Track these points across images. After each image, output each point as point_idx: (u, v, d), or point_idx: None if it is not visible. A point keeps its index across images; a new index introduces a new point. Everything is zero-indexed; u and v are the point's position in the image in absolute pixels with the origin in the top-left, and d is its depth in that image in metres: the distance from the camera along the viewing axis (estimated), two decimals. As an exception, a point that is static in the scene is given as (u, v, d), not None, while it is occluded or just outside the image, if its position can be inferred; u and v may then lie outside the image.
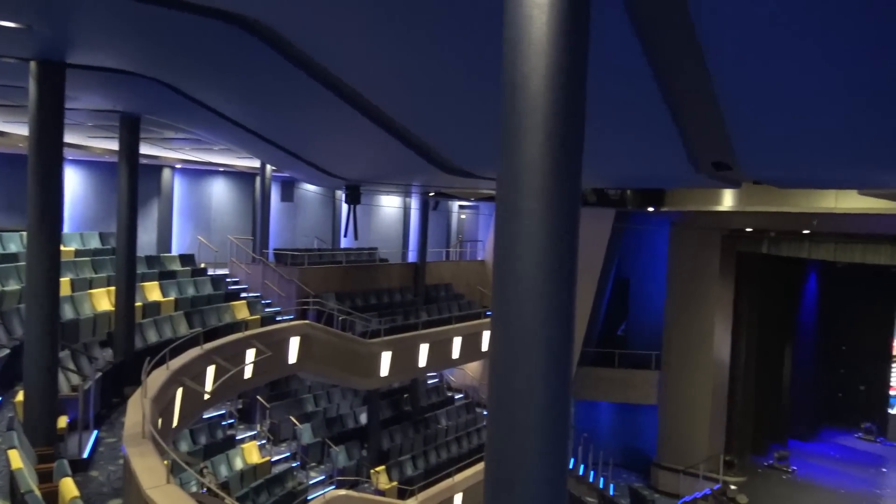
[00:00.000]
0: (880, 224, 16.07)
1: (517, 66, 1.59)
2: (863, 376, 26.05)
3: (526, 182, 1.60)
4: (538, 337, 1.61)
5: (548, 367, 1.61)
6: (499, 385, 1.64)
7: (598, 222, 20.17)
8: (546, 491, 1.60)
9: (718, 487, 20.13)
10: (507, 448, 1.62)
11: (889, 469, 22.79)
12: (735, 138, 3.07)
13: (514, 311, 1.62)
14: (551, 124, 1.59)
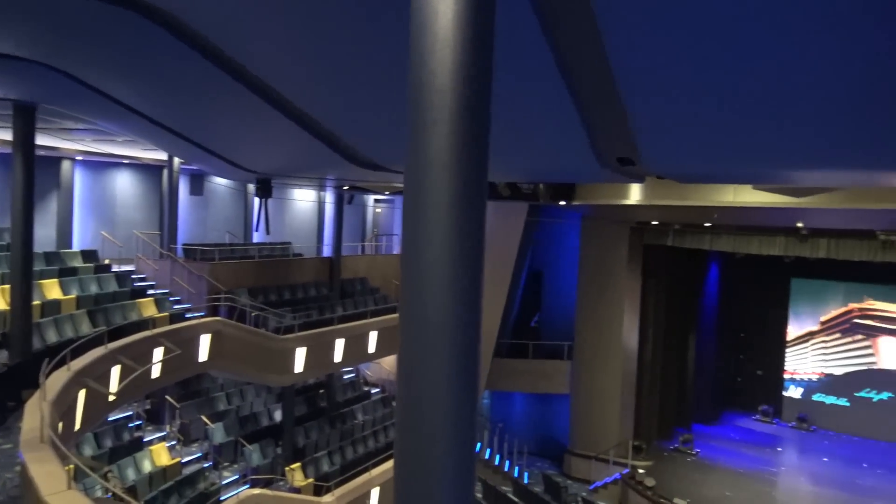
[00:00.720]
0: (774, 217, 16.96)
1: (424, 62, 1.60)
2: (760, 361, 27.45)
3: (432, 176, 1.61)
4: (445, 330, 1.63)
5: (455, 359, 1.63)
6: (406, 378, 1.65)
7: (511, 216, 20.51)
8: (454, 484, 1.62)
9: (627, 472, 20.84)
10: (415, 441, 1.63)
11: (784, 448, 24.13)
12: (637, 134, 3.17)
13: (420, 304, 1.63)
14: (457, 119, 1.61)
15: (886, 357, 24.58)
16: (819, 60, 2.33)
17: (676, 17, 2.16)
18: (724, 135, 3.04)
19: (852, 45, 2.20)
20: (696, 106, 2.78)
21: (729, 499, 19.29)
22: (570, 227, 23.09)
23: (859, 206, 13.19)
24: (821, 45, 2.19)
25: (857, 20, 1.94)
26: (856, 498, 19.58)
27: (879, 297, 24.56)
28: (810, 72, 2.45)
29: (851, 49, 2.23)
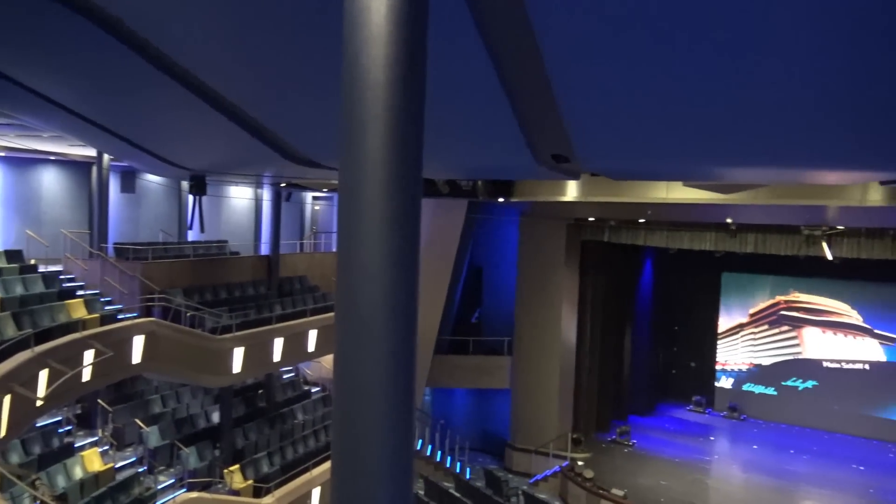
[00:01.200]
0: (704, 213, 17.49)
1: (357, 57, 1.59)
2: (693, 354, 28.25)
3: (367, 173, 1.61)
4: (381, 328, 1.63)
5: (391, 357, 1.63)
6: (342, 377, 1.64)
7: (451, 213, 20.57)
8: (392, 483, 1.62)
9: (567, 464, 21.18)
10: (352, 440, 1.63)
11: (716, 437, 24.90)
12: (571, 131, 3.21)
13: (355, 302, 1.63)
14: (392, 116, 1.60)
15: (811, 347, 25.61)
16: (750, 59, 2.41)
17: (609, 14, 2.20)
18: (657, 133, 3.11)
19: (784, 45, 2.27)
20: (629, 104, 2.83)
21: (664, 487, 19.80)
22: (510, 224, 23.31)
23: (784, 202, 13.71)
24: (753, 43, 2.26)
25: (790, 18, 2.01)
26: (784, 483, 20.36)
27: (804, 290, 25.57)
28: (741, 71, 2.53)
29: (782, 49, 2.30)
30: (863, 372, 24.60)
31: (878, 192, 12.54)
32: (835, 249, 17.59)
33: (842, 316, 24.95)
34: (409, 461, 1.68)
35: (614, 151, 3.40)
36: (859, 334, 24.66)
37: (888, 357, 24.18)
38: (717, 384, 27.52)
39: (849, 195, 13.04)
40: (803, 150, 3.22)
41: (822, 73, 2.34)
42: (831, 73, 2.36)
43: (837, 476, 20.92)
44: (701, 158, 3.52)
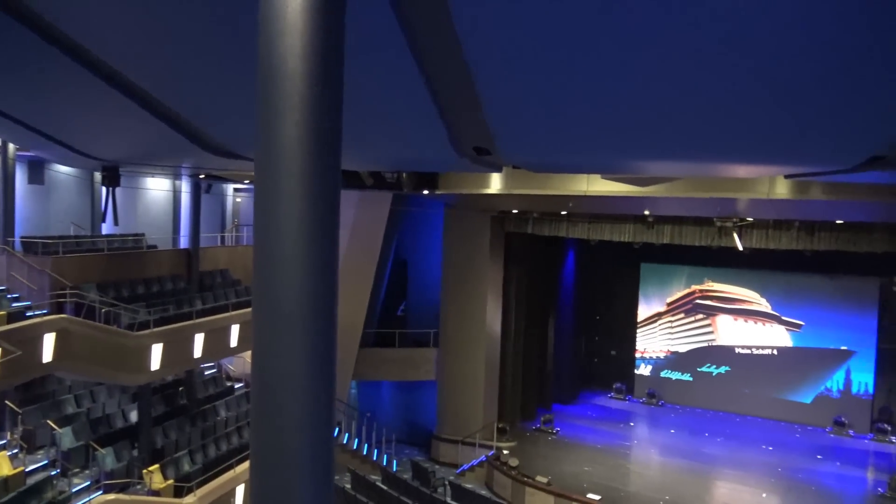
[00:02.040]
0: (623, 205, 17.96)
1: (272, 45, 1.57)
2: (614, 342, 29.03)
3: (283, 164, 1.58)
4: (299, 320, 1.61)
5: (310, 351, 1.61)
6: (260, 372, 1.62)
7: (375, 205, 20.47)
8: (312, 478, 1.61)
9: (493, 454, 21.45)
10: (271, 435, 1.61)
11: (636, 423, 25.68)
12: (492, 125, 3.24)
13: (273, 297, 1.60)
14: (309, 106, 1.58)
15: (724, 334, 26.68)
16: (662, 59, 2.47)
17: (528, 12, 2.24)
18: (574, 127, 3.17)
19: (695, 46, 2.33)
20: (547, 99, 2.88)
21: (587, 473, 20.30)
22: (435, 216, 23.38)
23: (697, 195, 14.22)
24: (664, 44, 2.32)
25: (703, 16, 2.07)
26: (700, 465, 21.18)
27: (718, 279, 26.60)
28: (653, 70, 2.59)
29: (694, 51, 2.37)
30: (771, 357, 25.80)
31: (783, 185, 13.15)
32: (745, 240, 18.37)
33: (752, 304, 26.09)
34: (330, 455, 1.67)
35: (533, 145, 3.47)
36: (768, 321, 25.84)
37: (794, 343, 25.43)
38: (636, 372, 28.36)
39: (757, 188, 13.63)
40: (714, 146, 3.35)
41: (731, 74, 2.44)
42: (741, 74, 2.47)
43: (748, 457, 21.91)
44: (616, 152, 3.63)
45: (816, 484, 20.01)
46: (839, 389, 24.83)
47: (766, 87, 2.62)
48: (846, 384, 24.73)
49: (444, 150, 3.35)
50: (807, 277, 24.38)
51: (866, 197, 13.24)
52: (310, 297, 1.67)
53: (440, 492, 18.72)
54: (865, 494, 19.60)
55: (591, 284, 28.12)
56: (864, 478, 20.71)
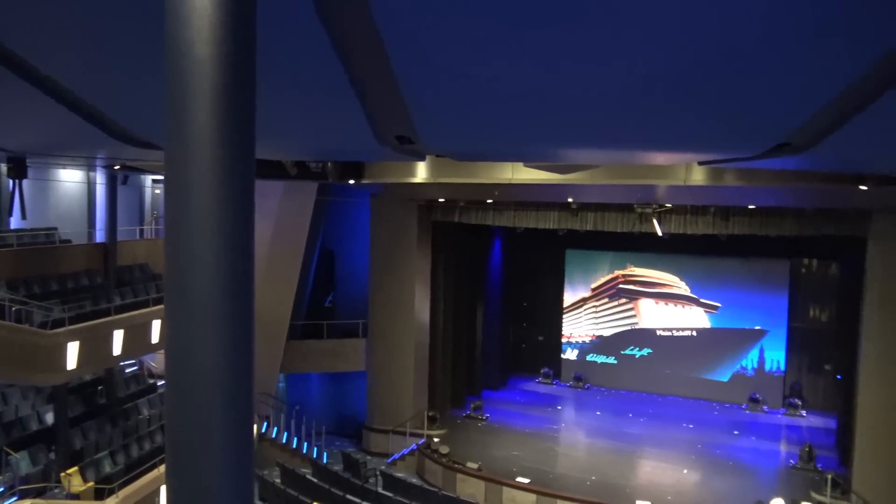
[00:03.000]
0: (548, 193, 18.25)
1: (180, 28, 1.50)
2: (541, 328, 29.51)
3: (194, 154, 1.53)
4: (214, 315, 1.56)
5: (225, 345, 1.57)
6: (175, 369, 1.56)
7: (301, 195, 20.18)
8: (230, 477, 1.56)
9: (423, 442, 21.55)
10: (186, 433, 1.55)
11: (563, 406, 26.22)
12: (413, 113, 3.23)
13: (186, 290, 1.55)
14: (218, 93, 1.53)
15: (646, 317, 27.48)
16: (579, 46, 2.49)
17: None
18: (494, 115, 3.19)
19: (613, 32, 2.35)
20: (468, 87, 2.88)
21: (516, 457, 20.63)
22: (361, 206, 23.22)
23: (618, 182, 14.57)
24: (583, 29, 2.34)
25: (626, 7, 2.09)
26: (624, 445, 21.81)
27: (639, 264, 27.35)
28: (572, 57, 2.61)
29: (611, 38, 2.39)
30: (691, 338, 26.73)
31: (700, 172, 13.60)
32: (664, 226, 18.93)
33: (672, 287, 26.95)
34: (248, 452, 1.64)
35: (455, 133, 3.47)
36: (687, 304, 26.74)
37: (712, 324, 26.41)
38: (563, 356, 28.93)
39: (675, 175, 14.06)
40: (630, 134, 3.44)
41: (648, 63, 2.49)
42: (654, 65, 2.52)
43: (670, 435, 22.69)
44: (538, 140, 3.67)
45: (734, 459, 20.90)
46: (754, 367, 25.95)
47: (677, 77, 2.69)
48: (760, 362, 25.85)
49: (365, 138, 3.31)
50: (723, 261, 25.32)
51: (776, 183, 13.83)
52: (225, 290, 1.62)
53: (371, 482, 18.70)
54: (778, 466, 20.59)
55: (518, 271, 28.48)
56: (777, 451, 21.73)
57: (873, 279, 17.59)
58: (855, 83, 2.68)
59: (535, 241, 26.04)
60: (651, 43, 2.41)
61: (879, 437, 17.52)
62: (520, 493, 18.25)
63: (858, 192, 13.41)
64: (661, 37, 2.37)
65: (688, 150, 4.81)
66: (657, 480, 19.56)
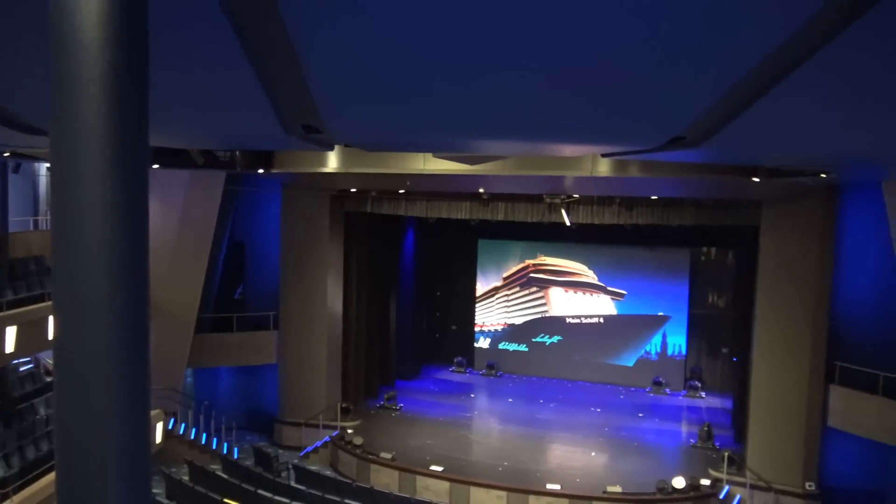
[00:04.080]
0: (459, 183, 18.41)
1: (64, 13, 1.44)
2: (454, 317, 29.80)
3: (79, 141, 1.46)
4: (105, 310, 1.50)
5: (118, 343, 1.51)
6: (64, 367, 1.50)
7: (208, 185, 19.61)
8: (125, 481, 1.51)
9: (337, 434, 21.42)
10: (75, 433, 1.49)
11: (476, 394, 26.56)
12: (319, 102, 3.20)
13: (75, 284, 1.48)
14: (109, 80, 1.47)
15: (556, 305, 28.14)
16: (487, 39, 2.51)
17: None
18: (402, 106, 3.19)
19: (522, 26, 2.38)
20: (375, 76, 2.86)
21: (430, 446, 20.78)
22: (272, 196, 22.78)
23: (528, 173, 14.85)
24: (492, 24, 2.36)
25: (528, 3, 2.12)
26: (535, 430, 22.31)
27: (549, 254, 27.96)
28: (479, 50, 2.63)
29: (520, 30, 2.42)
30: (598, 325, 27.55)
31: (605, 164, 14.02)
32: (572, 216, 19.43)
33: (581, 276, 27.69)
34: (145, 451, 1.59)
35: (363, 123, 3.45)
36: (595, 292, 27.54)
37: (618, 311, 27.30)
38: (476, 345, 29.30)
39: (582, 167, 14.44)
40: (534, 126, 3.51)
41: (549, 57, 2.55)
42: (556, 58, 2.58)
43: (579, 419, 23.36)
44: (445, 132, 3.70)
45: (638, 440, 21.71)
46: (657, 352, 27.00)
47: (578, 71, 2.75)
48: (663, 347, 26.92)
49: (270, 127, 3.25)
50: (628, 250, 26.20)
51: (676, 175, 14.41)
52: (116, 283, 1.57)
53: (284, 476, 18.47)
54: (680, 446, 21.53)
55: (431, 261, 28.62)
56: (678, 431, 22.72)
57: (765, 266, 18.59)
58: (744, 79, 2.82)
59: (447, 231, 26.24)
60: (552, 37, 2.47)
61: (770, 415, 18.59)
62: (433, 481, 18.42)
63: (751, 183, 14.13)
64: (562, 31, 2.43)
65: (591, 142, 4.95)
66: (567, 463, 20.12)
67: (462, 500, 17.95)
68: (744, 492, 18.48)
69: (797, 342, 18.13)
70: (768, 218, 18.35)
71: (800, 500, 18.14)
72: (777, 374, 18.45)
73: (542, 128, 3.69)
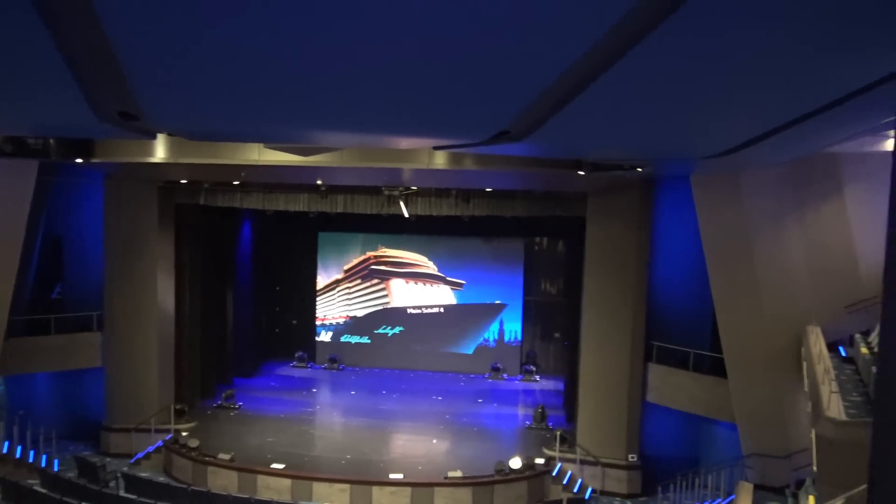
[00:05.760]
0: (297, 175, 18.11)
1: None
2: (295, 311, 29.33)
3: None
4: None
5: None
6: None
7: (17, 176, 17.91)
8: None
9: (170, 437, 20.45)
10: None
11: (318, 389, 26.31)
12: (135, 90, 3.06)
13: None
14: None
15: (397, 297, 28.43)
16: (318, 32, 2.51)
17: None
18: (225, 97, 3.11)
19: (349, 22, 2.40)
20: (193, 64, 2.78)
21: (271, 444, 20.35)
22: (94, 187, 21.23)
23: (366, 164, 14.86)
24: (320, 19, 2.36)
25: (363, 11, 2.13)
26: (378, 421, 22.45)
27: (390, 245, 28.19)
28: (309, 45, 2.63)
29: (349, 26, 2.44)
30: (439, 315, 28.15)
31: (441, 156, 14.33)
32: (411, 208, 19.70)
33: (421, 267, 28.15)
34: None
35: (182, 111, 3.32)
36: (435, 282, 28.10)
37: (458, 300, 28.04)
38: (317, 339, 29.01)
39: (419, 159, 14.66)
40: (364, 119, 3.54)
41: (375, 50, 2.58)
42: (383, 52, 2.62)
43: (421, 408, 23.77)
44: (270, 122, 3.64)
45: (478, 425, 22.45)
46: (495, 339, 28.02)
47: (402, 69, 2.82)
48: (500, 334, 27.98)
49: (81, 113, 3.06)
50: (466, 240, 26.97)
51: (508, 168, 15.01)
52: None
53: (112, 486, 17.37)
54: (517, 428, 22.49)
55: (269, 255, 27.95)
56: (515, 414, 23.72)
57: (590, 255, 19.81)
58: (560, 79, 3.01)
59: (286, 224, 25.75)
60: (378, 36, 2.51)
61: (597, 395, 19.89)
62: (275, 480, 18.06)
63: (577, 176, 15.00)
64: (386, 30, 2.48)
65: (422, 135, 5.07)
66: (409, 452, 20.42)
67: (305, 496, 17.73)
68: (574, 467, 19.64)
69: (620, 325, 19.49)
70: (593, 209, 19.56)
71: (623, 471, 19.55)
72: (603, 356, 19.75)
73: (369, 122, 3.73)
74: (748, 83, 3.74)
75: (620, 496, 19.50)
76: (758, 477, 16.62)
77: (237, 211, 23.21)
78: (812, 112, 5.26)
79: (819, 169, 15.25)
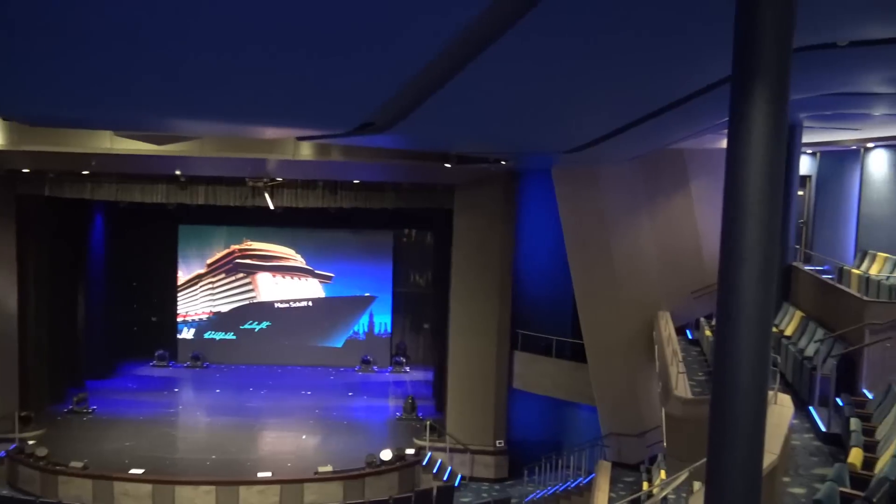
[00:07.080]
0: (154, 165, 17.25)
1: None
2: (155, 308, 27.89)
3: None
4: None
5: None
6: None
7: None
8: None
9: (15, 447, 18.97)
10: None
11: (180, 388, 25.26)
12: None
13: None
14: None
15: (264, 291, 27.72)
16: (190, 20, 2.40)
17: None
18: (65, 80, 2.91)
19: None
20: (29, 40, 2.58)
21: (129, 448, 19.33)
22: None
23: (228, 154, 14.38)
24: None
25: None
26: (244, 419, 21.84)
27: (256, 238, 27.41)
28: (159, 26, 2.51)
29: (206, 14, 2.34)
30: (307, 308, 27.71)
31: (307, 147, 14.10)
32: (276, 199, 19.26)
33: (288, 260, 27.58)
34: None
35: (18, 92, 3.07)
36: (303, 275, 27.63)
37: (327, 293, 27.71)
38: (179, 336, 27.76)
39: (284, 150, 14.35)
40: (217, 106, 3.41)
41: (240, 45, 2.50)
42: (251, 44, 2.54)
43: (290, 404, 23.34)
44: (114, 107, 3.43)
45: (348, 418, 22.34)
46: (365, 332, 27.93)
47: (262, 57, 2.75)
48: (370, 326, 27.92)
49: None
50: (334, 233, 26.66)
51: (376, 160, 14.98)
52: None
53: (-54, 503, 15.93)
54: (387, 420, 22.58)
55: (124, 250, 26.34)
56: (386, 406, 23.79)
57: (458, 246, 20.18)
58: (420, 75, 3.03)
59: (143, 217, 24.42)
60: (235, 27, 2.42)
61: (465, 383, 20.33)
62: (133, 485, 17.16)
63: (444, 169, 15.21)
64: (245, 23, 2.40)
65: (286, 125, 4.96)
66: (278, 449, 20.02)
67: (167, 501, 16.98)
68: (444, 456, 19.97)
69: (486, 315, 19.98)
70: (460, 201, 19.91)
71: (490, 457, 20.09)
72: (470, 345, 20.18)
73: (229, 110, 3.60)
74: (599, 84, 3.92)
75: (489, 481, 20.03)
76: (615, 455, 17.55)
77: (88, 203, 21.76)
78: (659, 110, 5.61)
79: (668, 165, 16.27)
